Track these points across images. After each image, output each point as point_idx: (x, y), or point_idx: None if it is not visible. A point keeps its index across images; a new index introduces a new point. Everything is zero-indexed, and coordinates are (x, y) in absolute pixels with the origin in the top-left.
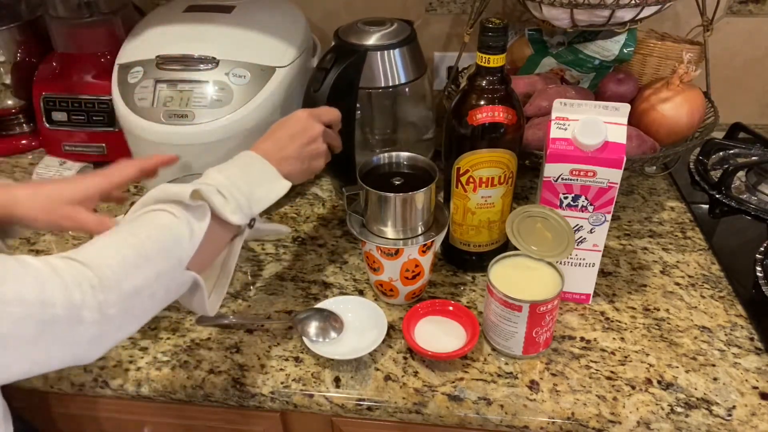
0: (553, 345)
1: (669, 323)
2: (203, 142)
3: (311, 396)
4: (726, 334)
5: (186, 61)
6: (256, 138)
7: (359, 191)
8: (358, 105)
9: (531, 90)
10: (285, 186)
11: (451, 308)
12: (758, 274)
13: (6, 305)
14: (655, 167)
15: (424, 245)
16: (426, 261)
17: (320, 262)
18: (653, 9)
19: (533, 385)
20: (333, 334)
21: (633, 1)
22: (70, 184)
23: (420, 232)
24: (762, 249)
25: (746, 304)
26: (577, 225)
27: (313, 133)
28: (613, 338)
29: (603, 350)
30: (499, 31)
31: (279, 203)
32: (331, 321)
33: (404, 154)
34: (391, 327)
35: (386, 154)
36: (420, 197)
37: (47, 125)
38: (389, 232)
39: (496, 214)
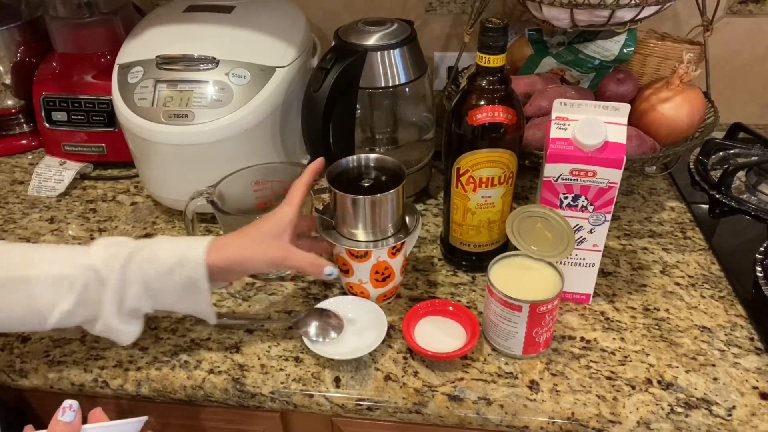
0: (553, 345)
1: (669, 323)
2: (203, 142)
3: (311, 396)
4: (726, 334)
5: (186, 61)
6: (256, 138)
7: (328, 193)
8: (358, 105)
9: (531, 90)
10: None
11: (451, 308)
12: (758, 274)
13: None
14: (655, 167)
15: (394, 247)
16: (396, 263)
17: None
18: (653, 9)
19: (533, 385)
20: (333, 334)
21: (633, 1)
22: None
23: (390, 233)
24: (762, 249)
25: (746, 304)
26: (577, 225)
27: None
28: (613, 338)
29: (603, 350)
30: (499, 31)
31: None
32: (331, 321)
33: (373, 156)
34: (391, 327)
35: (355, 156)
36: (388, 199)
37: (47, 125)
38: (359, 234)
39: (496, 214)
